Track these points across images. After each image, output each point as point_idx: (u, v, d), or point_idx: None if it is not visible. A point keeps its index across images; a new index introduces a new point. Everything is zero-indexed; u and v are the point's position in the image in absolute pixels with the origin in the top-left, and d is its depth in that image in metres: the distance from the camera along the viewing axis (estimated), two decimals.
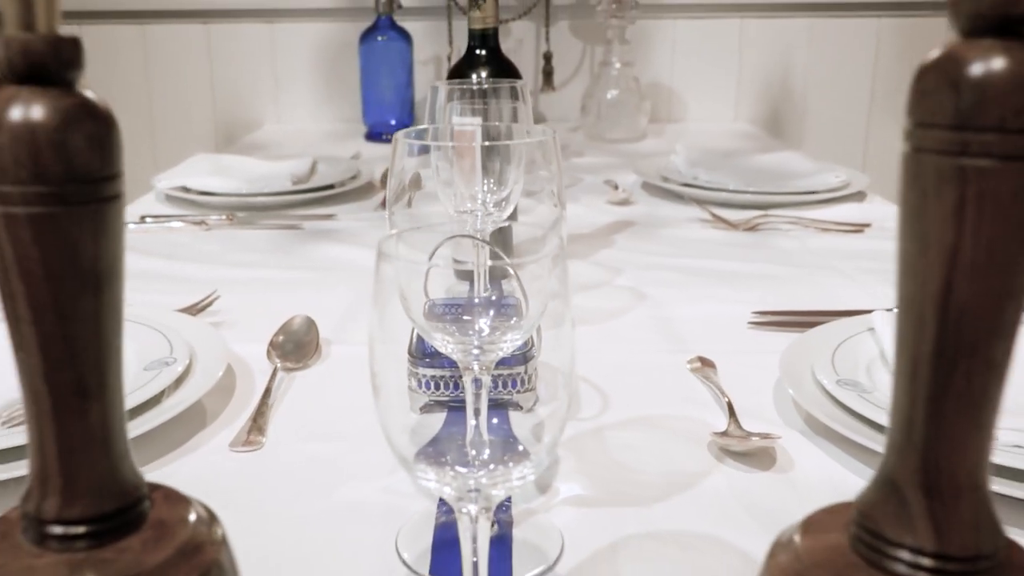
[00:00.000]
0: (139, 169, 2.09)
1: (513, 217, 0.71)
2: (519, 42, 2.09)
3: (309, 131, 2.08)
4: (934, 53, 0.28)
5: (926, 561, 0.30)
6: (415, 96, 1.99)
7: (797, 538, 0.32)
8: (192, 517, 0.33)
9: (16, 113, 0.28)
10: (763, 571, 0.33)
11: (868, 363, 0.68)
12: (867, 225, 1.19)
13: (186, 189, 1.36)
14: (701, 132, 2.00)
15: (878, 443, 0.56)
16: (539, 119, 2.13)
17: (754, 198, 1.29)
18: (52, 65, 0.28)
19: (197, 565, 0.31)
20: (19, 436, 0.56)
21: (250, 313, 0.89)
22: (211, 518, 0.33)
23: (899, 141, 0.31)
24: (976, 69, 0.26)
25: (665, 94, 2.15)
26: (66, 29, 0.30)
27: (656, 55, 2.13)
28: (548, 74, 1.98)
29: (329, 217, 1.27)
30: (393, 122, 1.93)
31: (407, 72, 1.93)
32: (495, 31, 0.94)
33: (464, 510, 0.40)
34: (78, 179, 0.29)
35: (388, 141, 1.89)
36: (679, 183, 1.36)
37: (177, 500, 0.34)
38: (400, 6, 1.89)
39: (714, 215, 1.24)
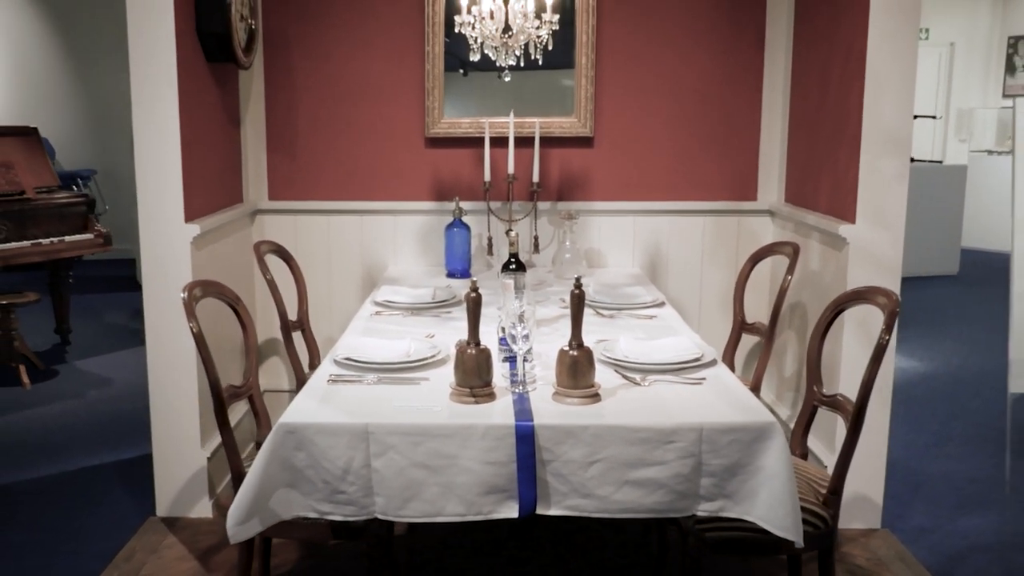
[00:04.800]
0: (321, 295, 4.07)
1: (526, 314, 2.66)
2: (523, 228, 4.09)
3: (413, 271, 4.05)
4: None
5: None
6: (471, 254, 3.98)
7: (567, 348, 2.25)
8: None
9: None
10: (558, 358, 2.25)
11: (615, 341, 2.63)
12: (655, 317, 3.16)
13: (388, 301, 3.31)
14: (613, 272, 3.99)
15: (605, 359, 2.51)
16: (531, 265, 4.13)
17: (615, 306, 3.26)
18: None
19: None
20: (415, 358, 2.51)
21: (443, 340, 2.83)
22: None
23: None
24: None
25: (596, 254, 4.15)
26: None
27: (592, 233, 4.14)
28: (536, 245, 3.99)
29: (450, 312, 3.23)
30: (460, 268, 3.90)
31: (467, 245, 3.91)
32: (518, 252, 2.93)
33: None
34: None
35: (459, 277, 3.89)
36: (588, 300, 3.33)
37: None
38: (465, 213, 3.90)
39: (599, 313, 3.20)
